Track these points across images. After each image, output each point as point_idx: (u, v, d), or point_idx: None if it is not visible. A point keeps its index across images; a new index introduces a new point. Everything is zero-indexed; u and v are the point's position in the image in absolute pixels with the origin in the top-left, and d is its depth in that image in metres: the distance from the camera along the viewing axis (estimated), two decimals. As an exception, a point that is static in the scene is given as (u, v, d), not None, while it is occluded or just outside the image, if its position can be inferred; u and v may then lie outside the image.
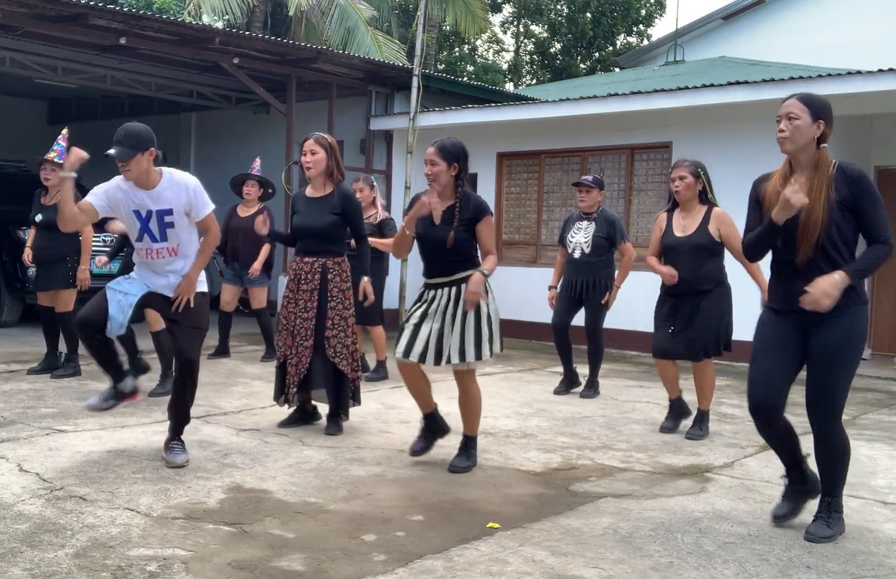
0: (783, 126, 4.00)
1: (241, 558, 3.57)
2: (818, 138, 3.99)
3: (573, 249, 7.66)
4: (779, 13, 19.65)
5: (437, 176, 4.98)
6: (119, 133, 4.80)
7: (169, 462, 4.91)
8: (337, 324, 5.86)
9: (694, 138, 10.87)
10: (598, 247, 7.57)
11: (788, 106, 4.02)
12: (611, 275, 7.69)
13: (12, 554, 3.50)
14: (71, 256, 7.54)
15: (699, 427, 6.26)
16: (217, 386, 7.63)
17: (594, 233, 7.59)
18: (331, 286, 5.87)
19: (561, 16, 29.37)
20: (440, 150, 4.99)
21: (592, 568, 3.63)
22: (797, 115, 3.98)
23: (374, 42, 18.90)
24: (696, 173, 6.08)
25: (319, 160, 5.88)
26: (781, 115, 4.02)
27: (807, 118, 3.96)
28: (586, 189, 7.67)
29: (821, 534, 4.03)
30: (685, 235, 6.10)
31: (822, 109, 3.99)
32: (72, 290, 7.58)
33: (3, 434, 5.51)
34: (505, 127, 12.52)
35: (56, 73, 12.92)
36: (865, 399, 8.27)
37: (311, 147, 5.90)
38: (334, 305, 5.86)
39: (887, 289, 11.57)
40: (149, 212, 4.86)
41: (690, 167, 6.11)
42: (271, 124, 14.42)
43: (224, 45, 11.50)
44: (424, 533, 3.99)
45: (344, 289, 5.91)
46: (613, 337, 10.96)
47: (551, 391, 7.96)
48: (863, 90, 9.49)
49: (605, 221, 7.66)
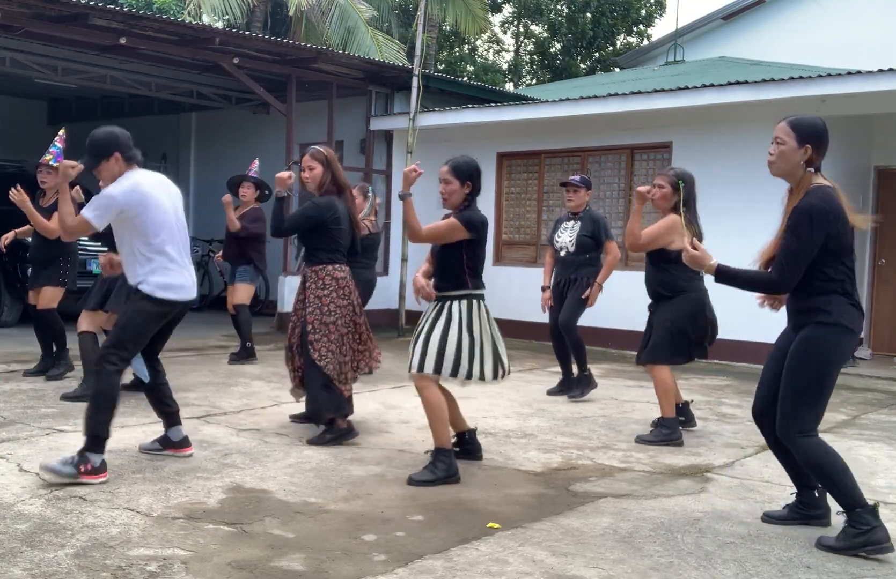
0: (771, 150, 4.08)
1: (241, 558, 3.57)
2: (806, 161, 4.00)
3: (560, 248, 7.69)
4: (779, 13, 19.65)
5: (451, 194, 4.98)
6: (87, 142, 4.88)
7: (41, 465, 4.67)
8: (316, 326, 5.77)
9: (694, 138, 10.88)
10: (581, 246, 7.57)
11: (777, 130, 4.08)
12: (595, 272, 7.62)
13: (12, 554, 3.50)
14: (64, 258, 7.55)
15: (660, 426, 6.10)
16: (217, 386, 7.63)
17: (579, 231, 7.60)
18: (308, 294, 5.83)
19: (561, 16, 29.38)
20: (454, 169, 4.98)
21: (592, 568, 3.63)
22: (783, 140, 4.03)
23: (374, 42, 18.90)
24: (675, 185, 5.95)
25: (315, 175, 5.90)
26: (773, 139, 4.08)
27: (792, 143, 4.00)
28: (574, 189, 7.69)
29: (824, 543, 3.98)
30: None
31: (810, 134, 4.00)
32: (58, 289, 7.57)
33: (3, 434, 5.51)
34: (505, 127, 12.52)
35: (56, 73, 12.92)
36: (865, 399, 8.27)
37: (308, 162, 5.93)
38: (312, 310, 5.78)
39: (887, 289, 11.57)
40: None
41: (672, 178, 6.01)
42: (271, 124, 14.42)
43: (224, 45, 11.50)
44: (424, 533, 4.00)
45: (319, 296, 5.76)
46: (614, 337, 10.98)
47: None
48: (863, 90, 9.50)
49: (590, 220, 7.66)
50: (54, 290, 7.57)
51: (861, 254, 11.61)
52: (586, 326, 7.92)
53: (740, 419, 6.86)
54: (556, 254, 7.73)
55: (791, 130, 4.02)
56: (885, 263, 11.54)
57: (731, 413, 7.22)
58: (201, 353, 9.66)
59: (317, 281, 5.80)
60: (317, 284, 5.79)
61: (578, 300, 7.57)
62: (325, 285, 5.77)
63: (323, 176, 5.88)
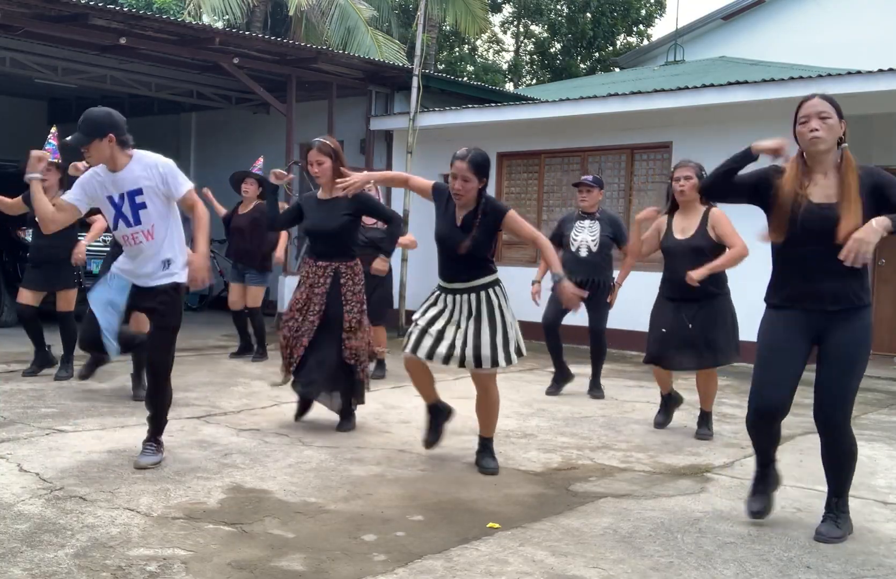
0: (816, 125, 3.90)
1: (241, 558, 3.57)
2: (841, 137, 3.97)
3: (578, 248, 7.66)
4: (779, 13, 19.65)
5: (469, 192, 4.88)
6: (81, 119, 4.80)
7: (135, 463, 4.84)
8: (354, 327, 5.89)
9: (694, 138, 10.88)
10: (604, 246, 7.67)
11: (816, 105, 3.93)
12: (611, 274, 7.76)
13: (12, 554, 3.50)
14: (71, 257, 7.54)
15: (707, 426, 6.27)
16: (217, 386, 7.63)
17: (601, 232, 7.65)
18: (344, 290, 5.88)
19: (561, 16, 29.38)
20: (473, 165, 4.85)
21: (592, 568, 3.63)
22: (828, 113, 3.91)
23: (374, 42, 18.90)
24: (700, 175, 5.96)
25: (326, 169, 5.89)
26: (810, 115, 3.92)
27: (835, 117, 3.93)
28: (587, 189, 7.75)
29: (832, 535, 4.03)
30: (684, 237, 6.02)
31: (840, 108, 3.98)
32: (74, 290, 7.58)
33: (3, 434, 5.51)
34: (505, 127, 12.53)
35: (56, 73, 12.93)
36: (865, 399, 8.27)
37: (317, 157, 5.90)
38: (350, 309, 5.88)
39: (887, 289, 11.57)
40: (121, 196, 4.80)
41: (696, 168, 6.02)
42: (271, 124, 14.42)
43: (224, 45, 11.50)
44: (424, 533, 3.99)
45: (356, 292, 5.93)
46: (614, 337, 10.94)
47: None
48: (863, 90, 9.50)
49: (610, 221, 7.78)
50: (72, 292, 7.58)
51: (861, 254, 11.62)
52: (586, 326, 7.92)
53: (740, 419, 6.84)
54: (571, 253, 7.67)
55: (831, 105, 3.94)
56: (885, 263, 11.54)
57: (732, 413, 7.21)
58: (201, 353, 9.66)
59: (352, 276, 5.93)
60: (353, 280, 5.93)
61: (606, 303, 7.75)
62: (360, 281, 5.97)
63: (334, 168, 5.89)
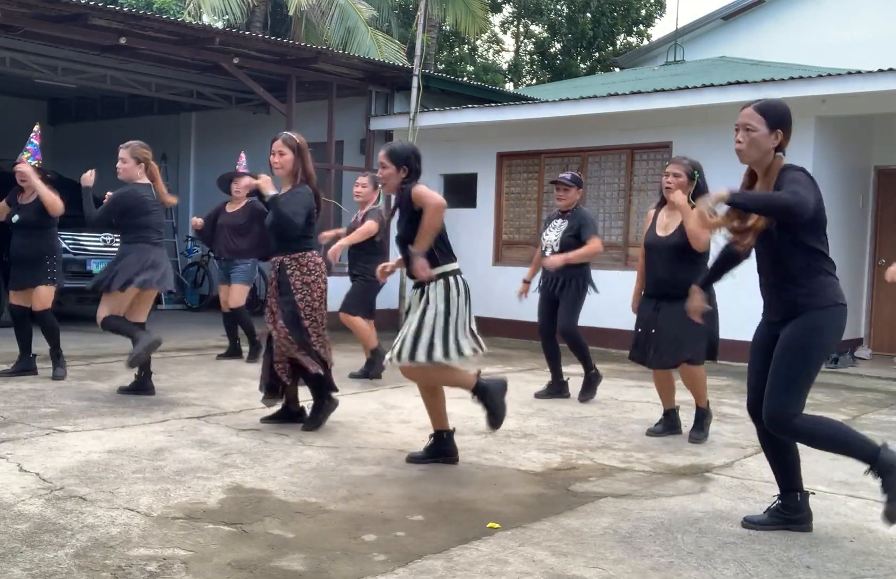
0: (739, 137, 3.96)
1: (241, 558, 3.57)
2: (776, 146, 3.95)
3: (545, 248, 7.51)
4: (779, 13, 19.65)
5: (388, 178, 5.09)
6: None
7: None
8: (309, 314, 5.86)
9: (694, 138, 10.86)
10: (565, 245, 7.36)
11: (745, 116, 3.96)
12: (583, 273, 7.43)
13: (12, 554, 3.50)
14: (49, 255, 7.51)
15: (700, 427, 6.12)
16: (217, 386, 7.63)
17: (564, 231, 7.41)
18: (292, 280, 5.86)
19: (561, 16, 29.39)
20: (390, 155, 5.07)
21: (592, 568, 3.63)
22: (753, 126, 3.94)
23: (374, 42, 18.91)
24: (691, 174, 5.91)
25: (286, 161, 5.88)
26: (738, 125, 3.97)
27: (763, 129, 3.93)
28: (564, 187, 7.50)
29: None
30: (665, 234, 5.96)
31: (781, 118, 3.95)
32: (50, 288, 7.53)
33: (3, 434, 5.51)
34: (505, 127, 12.53)
35: (56, 73, 12.92)
36: (865, 399, 8.27)
37: (280, 147, 5.88)
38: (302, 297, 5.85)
39: (888, 289, 11.56)
40: None
41: (687, 167, 5.95)
42: (271, 124, 14.40)
43: (224, 45, 11.50)
44: (424, 533, 3.99)
45: (308, 283, 5.87)
46: (614, 337, 10.96)
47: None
48: (863, 90, 9.49)
49: (576, 218, 7.44)
50: (48, 290, 7.52)
51: (861, 254, 11.63)
52: (586, 326, 7.90)
53: (740, 419, 6.86)
54: (543, 254, 7.57)
55: (761, 116, 3.94)
56: (885, 263, 11.54)
57: (731, 413, 7.21)
58: (201, 353, 9.66)
59: (300, 267, 5.87)
60: (301, 271, 5.87)
61: (573, 302, 7.43)
62: (310, 271, 5.89)
63: (294, 164, 5.88)
